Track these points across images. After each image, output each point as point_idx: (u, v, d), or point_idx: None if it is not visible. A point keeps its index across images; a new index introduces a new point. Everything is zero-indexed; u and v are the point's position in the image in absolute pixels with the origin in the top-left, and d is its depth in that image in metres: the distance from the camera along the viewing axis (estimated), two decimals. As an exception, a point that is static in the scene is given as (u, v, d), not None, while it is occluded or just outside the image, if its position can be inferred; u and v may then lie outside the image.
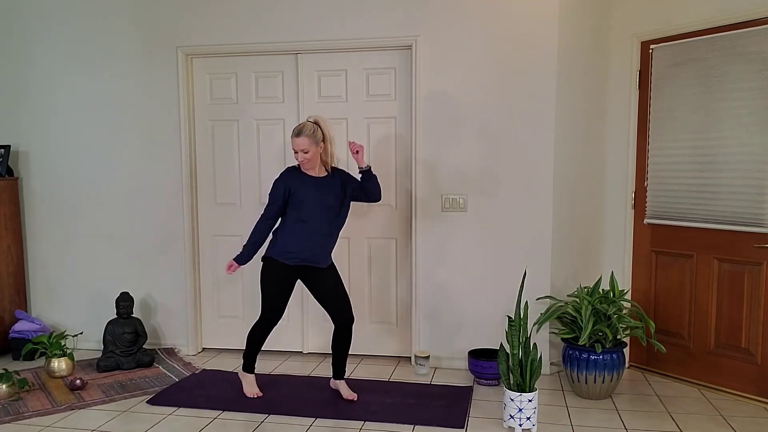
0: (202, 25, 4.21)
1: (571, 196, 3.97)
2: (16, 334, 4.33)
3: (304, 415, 3.31)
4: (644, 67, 3.91)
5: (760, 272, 3.44)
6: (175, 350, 4.42)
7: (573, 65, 3.87)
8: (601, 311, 3.47)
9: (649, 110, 3.90)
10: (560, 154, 3.88)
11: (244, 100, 4.31)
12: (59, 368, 3.92)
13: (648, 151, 3.92)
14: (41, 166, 4.57)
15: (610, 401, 3.53)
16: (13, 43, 4.50)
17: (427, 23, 3.93)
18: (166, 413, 3.38)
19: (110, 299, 4.47)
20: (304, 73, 4.19)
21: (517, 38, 3.83)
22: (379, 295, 4.28)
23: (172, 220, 4.39)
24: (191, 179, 4.36)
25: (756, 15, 3.38)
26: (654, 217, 3.92)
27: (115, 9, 4.32)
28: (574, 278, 4.04)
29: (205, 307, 4.51)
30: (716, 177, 3.58)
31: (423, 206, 4.05)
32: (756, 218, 3.43)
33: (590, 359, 3.47)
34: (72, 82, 4.45)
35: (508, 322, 3.53)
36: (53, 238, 4.60)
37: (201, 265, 4.48)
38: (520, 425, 3.07)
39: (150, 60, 4.31)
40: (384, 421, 3.23)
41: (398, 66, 4.07)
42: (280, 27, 4.12)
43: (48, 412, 3.39)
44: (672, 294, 3.87)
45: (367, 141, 4.16)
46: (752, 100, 3.42)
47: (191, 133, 4.36)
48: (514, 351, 3.11)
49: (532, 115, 3.85)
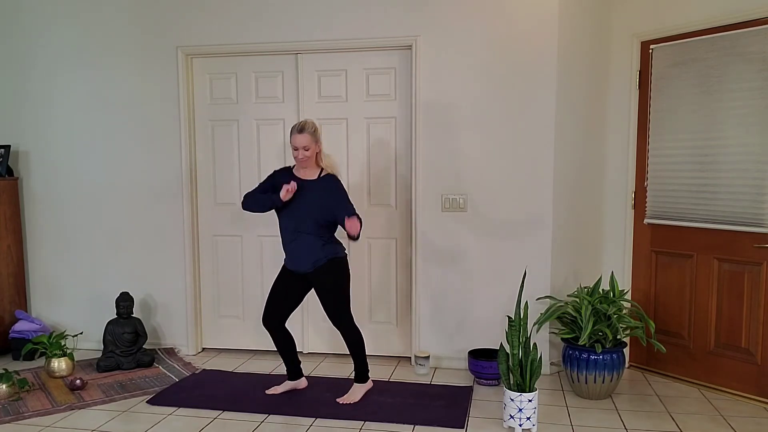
0: (202, 25, 4.21)
1: (571, 196, 3.97)
2: (16, 334, 4.33)
3: (304, 415, 3.31)
4: (644, 67, 3.91)
5: (760, 272, 3.44)
6: (175, 350, 4.42)
7: (573, 65, 3.87)
8: (601, 311, 3.47)
9: (649, 110, 3.90)
10: (560, 154, 3.88)
11: (244, 100, 4.31)
12: (59, 368, 3.92)
13: (648, 151, 3.92)
14: (41, 166, 4.57)
15: (610, 401, 3.53)
16: (14, 43, 4.50)
17: (427, 23, 3.93)
18: (166, 413, 3.38)
19: (110, 299, 4.47)
20: (304, 73, 4.19)
21: (517, 38, 3.83)
22: (379, 295, 4.28)
23: (172, 220, 4.39)
24: (191, 179, 4.37)
25: (756, 15, 3.38)
26: (654, 217, 3.92)
27: (115, 9, 4.32)
28: (574, 278, 4.04)
29: (205, 307, 4.51)
30: (716, 177, 3.58)
31: (423, 206, 4.04)
32: (756, 218, 3.43)
33: (590, 359, 3.47)
34: (72, 82, 4.45)
35: (508, 322, 3.53)
36: (53, 238, 4.60)
37: (201, 265, 4.48)
38: (520, 425, 3.07)
39: (150, 60, 4.31)
40: (384, 421, 3.23)
41: (398, 66, 4.07)
42: (280, 27, 4.12)
43: (48, 412, 3.39)
44: (672, 294, 3.87)
45: (367, 141, 4.16)
46: (752, 100, 3.42)
47: (191, 133, 4.36)
48: (514, 351, 3.11)
49: (532, 115, 3.85)
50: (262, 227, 4.35)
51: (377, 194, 4.18)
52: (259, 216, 4.35)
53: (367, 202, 4.19)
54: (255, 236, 4.39)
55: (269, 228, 4.34)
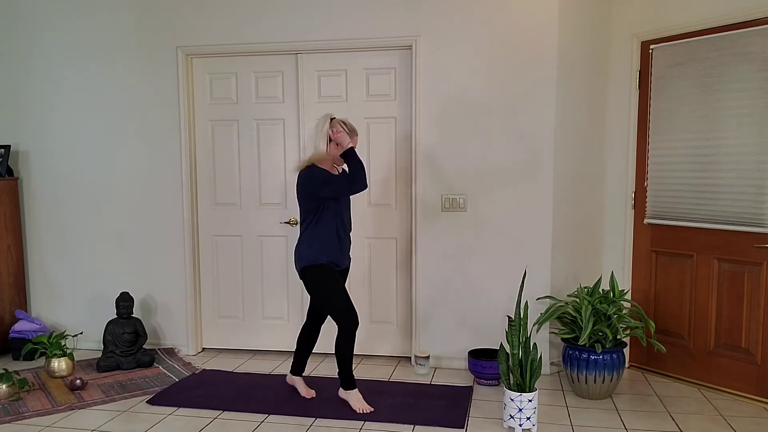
0: (202, 25, 4.21)
1: (571, 195, 3.97)
2: (16, 334, 4.33)
3: (304, 415, 3.31)
4: (644, 67, 3.91)
5: (760, 272, 3.44)
6: (175, 350, 4.42)
7: (573, 65, 3.87)
8: (601, 311, 3.47)
9: (649, 110, 3.90)
10: (560, 154, 3.88)
11: (244, 100, 4.31)
12: (59, 368, 3.92)
13: (648, 151, 3.92)
14: (41, 166, 4.57)
15: (610, 401, 3.53)
16: (13, 43, 4.50)
17: (427, 23, 3.93)
18: (166, 413, 3.38)
19: (110, 299, 4.47)
20: (304, 73, 4.19)
21: (517, 38, 3.83)
22: (379, 295, 4.28)
23: (172, 220, 4.39)
24: (191, 179, 4.36)
25: (756, 15, 3.38)
26: (654, 217, 3.92)
27: (116, 9, 4.32)
28: (574, 278, 4.04)
29: (205, 307, 4.51)
30: (716, 177, 3.58)
31: (423, 206, 4.05)
32: (756, 218, 3.43)
33: (590, 359, 3.47)
34: (72, 82, 4.45)
35: (508, 322, 3.53)
36: (53, 238, 4.60)
37: (201, 265, 4.48)
38: (520, 425, 3.07)
39: (150, 60, 4.31)
40: (384, 421, 3.23)
41: (398, 66, 4.07)
42: (280, 27, 4.12)
43: (48, 412, 3.39)
44: (672, 294, 3.87)
45: (367, 141, 4.16)
46: (752, 100, 3.42)
47: (191, 133, 4.36)
48: (514, 351, 3.11)
49: (532, 115, 3.85)
50: (263, 227, 4.35)
51: (377, 194, 4.18)
52: (259, 216, 4.35)
53: (367, 202, 4.19)
54: (255, 236, 4.39)
55: (269, 228, 4.35)
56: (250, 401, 3.50)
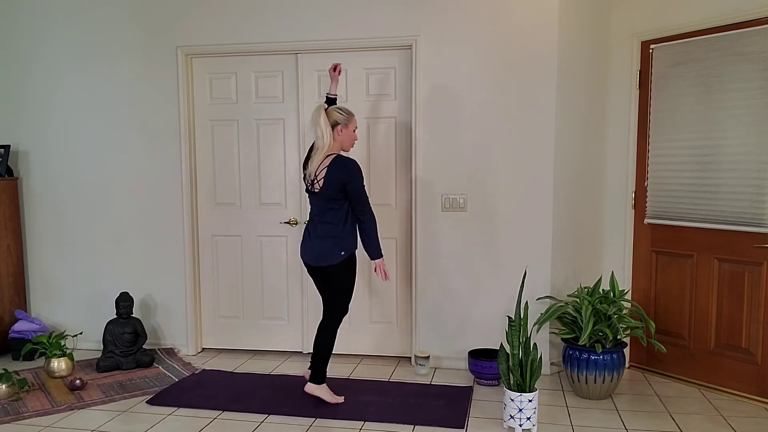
0: (202, 25, 4.21)
1: (571, 195, 3.97)
2: (16, 334, 4.33)
3: (304, 415, 3.31)
4: (644, 67, 3.91)
5: (760, 272, 3.44)
6: (174, 350, 4.42)
7: (573, 65, 3.87)
8: (602, 311, 3.47)
9: (649, 110, 3.90)
10: (560, 154, 3.88)
11: (244, 100, 4.31)
12: (59, 368, 3.92)
13: (648, 151, 3.92)
14: (41, 166, 4.57)
15: (611, 401, 3.53)
16: (13, 43, 4.50)
17: (427, 23, 3.93)
18: (165, 413, 3.38)
19: (110, 299, 4.47)
20: (304, 73, 4.19)
21: (517, 38, 3.83)
22: (379, 295, 4.27)
23: (171, 219, 4.39)
24: (191, 179, 4.36)
25: (756, 15, 3.38)
26: (654, 217, 3.92)
27: (115, 9, 4.32)
28: (574, 278, 4.04)
29: (205, 307, 4.51)
30: (716, 177, 3.58)
31: (423, 206, 4.04)
32: (756, 218, 3.43)
33: (590, 359, 3.46)
34: (72, 82, 4.45)
35: (508, 322, 3.53)
36: (53, 238, 4.60)
37: (201, 265, 4.48)
38: (520, 425, 3.07)
39: (150, 60, 4.31)
40: (384, 421, 3.23)
41: (398, 66, 4.07)
42: (280, 27, 4.12)
43: (48, 412, 3.39)
44: (672, 294, 3.87)
45: (367, 141, 4.16)
46: (752, 100, 3.42)
47: (191, 133, 4.36)
48: (514, 351, 3.11)
49: (532, 115, 3.85)
50: (263, 227, 4.35)
51: (377, 194, 4.18)
52: (259, 216, 4.35)
53: (367, 202, 4.19)
54: (255, 236, 4.39)
55: (269, 228, 4.34)
56: (249, 401, 3.50)
